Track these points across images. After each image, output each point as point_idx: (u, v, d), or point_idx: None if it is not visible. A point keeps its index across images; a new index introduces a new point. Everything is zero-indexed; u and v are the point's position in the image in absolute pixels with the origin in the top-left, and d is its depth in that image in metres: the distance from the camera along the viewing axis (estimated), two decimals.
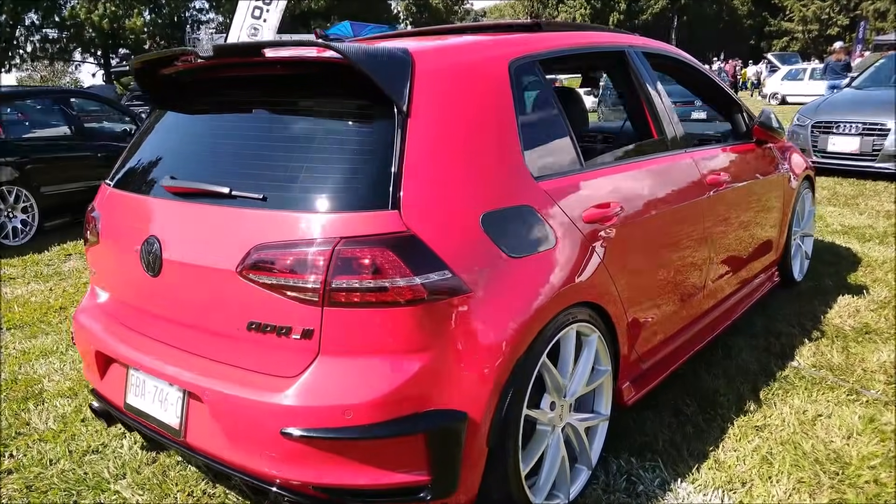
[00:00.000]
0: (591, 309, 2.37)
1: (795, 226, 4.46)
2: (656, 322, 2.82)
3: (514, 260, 2.07)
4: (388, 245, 1.84)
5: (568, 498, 2.32)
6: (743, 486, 2.43)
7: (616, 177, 2.63)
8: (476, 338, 1.94)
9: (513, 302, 2.03)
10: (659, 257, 2.78)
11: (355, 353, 1.87)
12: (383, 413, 1.84)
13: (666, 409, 2.99)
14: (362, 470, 1.88)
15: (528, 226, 2.17)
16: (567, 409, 2.33)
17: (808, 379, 3.22)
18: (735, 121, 3.90)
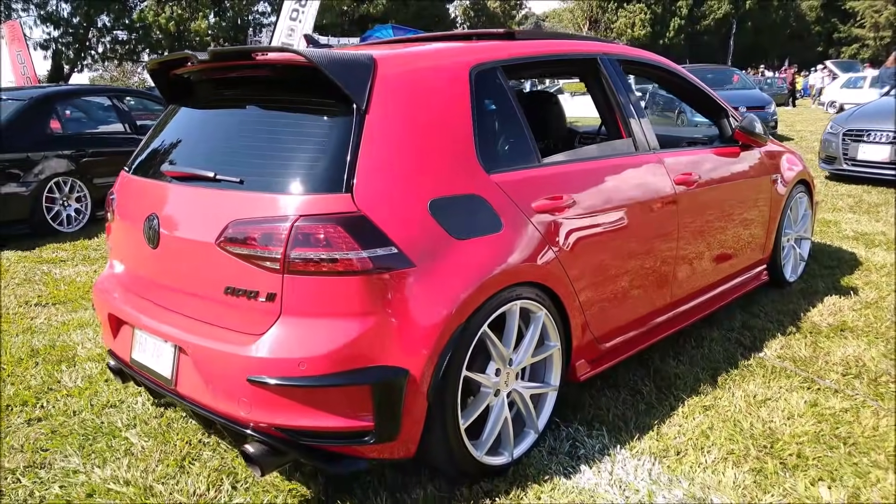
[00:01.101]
0: (538, 289, 2.64)
1: (788, 228, 4.62)
2: (614, 308, 3.07)
3: (459, 241, 2.37)
4: (339, 223, 2.16)
5: (512, 456, 2.61)
6: (676, 455, 2.67)
7: (572, 173, 2.90)
8: (418, 306, 2.25)
9: (455, 277, 2.33)
10: (616, 250, 3.03)
11: (311, 315, 2.19)
12: (332, 366, 2.16)
13: (625, 387, 3.24)
14: (317, 414, 2.20)
15: (476, 212, 2.46)
16: (513, 377, 2.61)
17: (769, 368, 3.42)
18: (721, 125, 4.11)
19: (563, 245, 2.73)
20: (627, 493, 2.44)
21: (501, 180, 2.57)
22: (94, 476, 2.62)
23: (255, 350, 2.20)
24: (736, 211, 3.91)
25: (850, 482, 2.47)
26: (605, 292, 3.00)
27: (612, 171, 3.09)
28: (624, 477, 2.53)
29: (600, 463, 2.63)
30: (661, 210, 3.27)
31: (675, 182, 3.36)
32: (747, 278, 4.26)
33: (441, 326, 2.27)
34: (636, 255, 3.14)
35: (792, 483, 2.48)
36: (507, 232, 2.51)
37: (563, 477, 2.54)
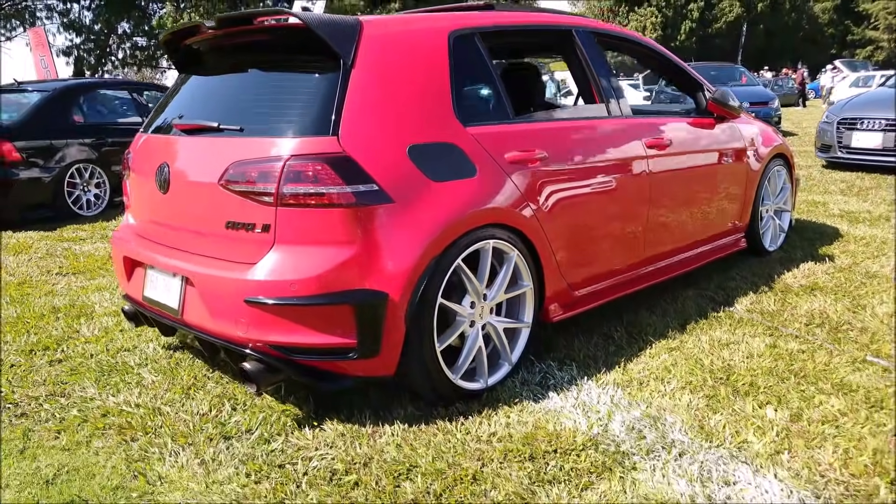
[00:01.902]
0: (511, 233, 2.90)
1: (766, 199, 4.85)
2: (586, 258, 3.33)
3: (436, 183, 2.63)
4: (326, 162, 2.44)
5: (486, 384, 2.86)
6: (638, 385, 2.92)
7: (544, 129, 3.16)
8: (397, 238, 2.52)
9: (431, 214, 2.59)
10: (587, 204, 3.28)
11: (301, 243, 2.47)
12: (320, 287, 2.43)
13: (598, 333, 3.49)
14: (306, 332, 2.47)
15: (451, 158, 2.73)
16: (487, 311, 2.87)
17: (737, 319, 3.66)
18: (696, 98, 4.35)
19: (535, 194, 2.98)
20: (589, 413, 2.69)
21: (476, 132, 2.84)
22: (109, 401, 2.91)
23: (251, 274, 2.48)
24: (709, 178, 4.14)
25: (795, 404, 2.71)
26: (576, 242, 3.25)
27: (584, 130, 3.35)
28: (588, 401, 2.78)
29: (567, 391, 2.88)
30: (632, 170, 3.52)
31: (646, 145, 3.61)
32: (724, 244, 4.49)
33: (418, 256, 2.53)
34: (607, 210, 3.39)
35: (741, 405, 2.72)
36: (480, 177, 2.78)
37: (531, 401, 2.79)
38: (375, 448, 2.47)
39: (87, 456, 2.50)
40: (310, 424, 2.64)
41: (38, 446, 2.58)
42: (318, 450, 2.47)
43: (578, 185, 3.22)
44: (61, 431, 2.68)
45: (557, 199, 3.10)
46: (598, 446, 2.44)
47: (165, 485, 2.30)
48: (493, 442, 2.49)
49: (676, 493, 2.16)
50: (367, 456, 2.42)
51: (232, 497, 2.20)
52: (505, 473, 2.29)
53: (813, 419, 2.59)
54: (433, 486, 2.23)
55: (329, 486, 2.26)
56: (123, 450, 2.52)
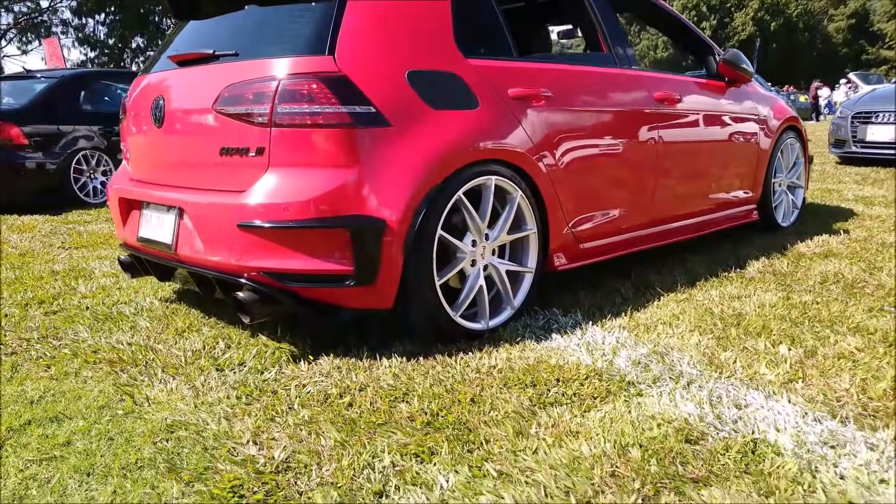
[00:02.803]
0: (514, 171, 2.82)
1: (779, 172, 4.75)
2: (592, 209, 3.24)
3: (436, 111, 2.57)
4: (321, 80, 2.38)
5: (488, 325, 2.77)
6: (645, 329, 2.82)
7: (550, 70, 3.09)
8: (395, 163, 2.44)
9: (430, 142, 2.52)
10: (594, 153, 3.20)
11: (295, 165, 2.40)
12: (314, 211, 2.36)
13: (603, 288, 3.39)
14: (301, 257, 2.40)
15: (452, 88, 2.67)
16: (489, 251, 2.79)
17: (748, 278, 3.55)
18: (706, 62, 4.28)
19: (540, 134, 2.91)
20: (594, 351, 2.59)
21: (479, 65, 2.78)
22: (102, 342, 2.83)
23: (244, 199, 2.41)
24: (720, 142, 4.05)
25: (810, 343, 2.60)
26: (583, 191, 3.16)
27: (591, 76, 3.28)
28: (592, 342, 2.68)
29: (571, 333, 2.78)
30: (641, 122, 3.44)
31: (656, 98, 3.53)
32: (735, 213, 4.39)
33: (417, 185, 2.46)
34: (614, 161, 3.31)
35: (752, 343, 2.61)
36: (482, 111, 2.71)
37: (534, 341, 2.70)
38: (372, 377, 2.38)
39: (74, 383, 2.42)
40: (305, 359, 2.56)
41: (27, 377, 2.51)
42: (312, 378, 2.39)
43: (585, 131, 3.14)
44: (50, 366, 2.61)
45: (563, 143, 3.02)
46: (601, 376, 2.34)
47: (153, 406, 2.22)
48: (493, 373, 2.39)
49: (684, 413, 2.06)
50: (362, 383, 2.33)
51: (221, 415, 2.12)
52: (504, 397, 2.19)
53: (828, 355, 2.48)
54: (430, 406, 2.14)
55: (322, 407, 2.17)
56: (112, 378, 2.45)
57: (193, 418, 2.10)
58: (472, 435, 1.95)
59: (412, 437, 1.94)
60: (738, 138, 4.22)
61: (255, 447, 1.90)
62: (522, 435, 1.94)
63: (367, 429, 2.00)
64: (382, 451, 1.86)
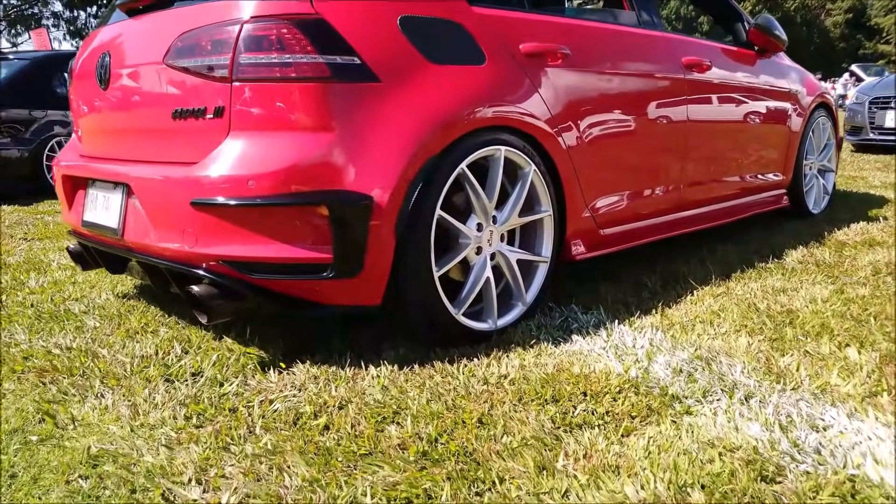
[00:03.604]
0: (527, 142, 2.38)
1: (810, 154, 4.31)
2: (615, 190, 2.80)
3: (434, 65, 2.12)
4: (294, 23, 1.92)
5: (495, 324, 2.32)
6: (682, 329, 2.37)
7: (568, 25, 2.64)
8: (384, 126, 1.99)
9: (428, 102, 2.08)
10: (618, 124, 2.75)
11: (262, 130, 1.95)
12: (285, 185, 1.90)
13: (627, 280, 2.95)
14: (268, 242, 1.95)
15: (454, 39, 2.22)
16: (497, 237, 2.34)
17: (789, 269, 3.11)
18: (734, 29, 3.84)
19: (556, 99, 2.46)
20: (624, 356, 2.15)
21: (486, 14, 2.33)
22: (37, 345, 2.38)
23: (199, 170, 1.96)
24: (751, 118, 3.61)
25: (882, 345, 2.16)
26: (605, 167, 2.72)
27: (614, 35, 2.84)
28: (621, 344, 2.24)
29: (595, 334, 2.34)
30: (669, 91, 3.00)
31: (684, 64, 3.09)
32: (766, 198, 3.95)
33: (410, 153, 2.01)
34: (640, 135, 2.87)
35: (815, 346, 2.17)
36: (490, 67, 2.26)
37: (551, 344, 2.25)
38: (355, 390, 1.93)
39: None
40: (276, 367, 2.11)
41: None
42: (282, 391, 1.94)
43: (608, 98, 2.70)
44: None
45: (583, 111, 2.58)
46: (638, 389, 1.89)
47: (79, 428, 1.77)
48: (503, 385, 1.95)
49: (749, 437, 1.61)
50: (343, 398, 1.88)
51: (162, 442, 1.66)
52: (520, 416, 1.75)
53: None
54: (427, 429, 1.69)
55: (291, 430, 1.72)
56: (38, 392, 1.99)
57: (126, 446, 1.65)
58: (482, 470, 1.50)
59: (403, 472, 1.49)
60: (770, 115, 3.78)
61: (199, 488, 1.46)
62: (546, 471, 1.50)
63: (345, 461, 1.55)
64: (364, 493, 1.42)
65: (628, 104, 2.78)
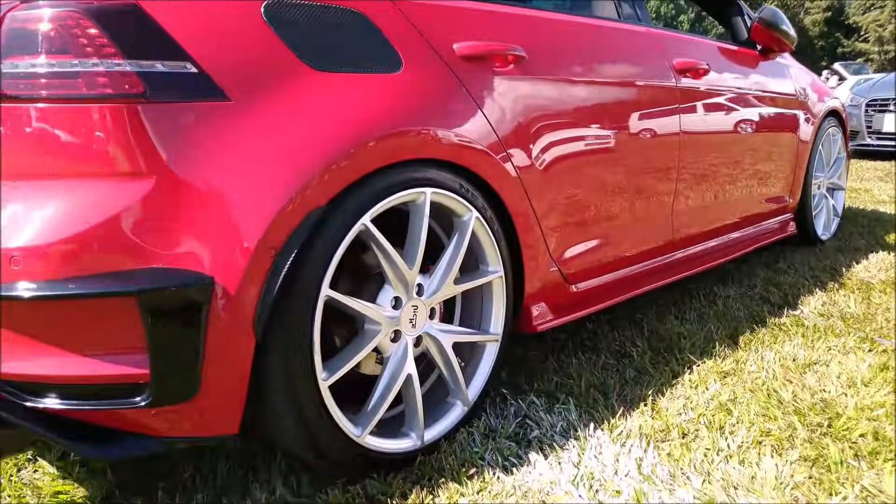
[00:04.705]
0: (466, 179, 1.70)
1: (818, 171, 3.67)
2: (589, 233, 2.13)
3: (320, 74, 1.43)
4: (87, 14, 1.22)
5: (421, 440, 1.64)
6: (681, 438, 1.70)
7: (526, 17, 1.97)
8: (237, 168, 1.31)
9: (308, 129, 1.39)
10: (590, 143, 2.08)
11: (35, 175, 1.25)
12: (70, 264, 1.21)
13: (607, 350, 2.27)
14: (51, 354, 1.25)
15: (355, 36, 1.53)
16: (424, 315, 1.66)
17: (810, 327, 2.46)
18: (734, 24, 3.19)
19: (507, 118, 1.79)
20: (602, 495, 1.47)
21: (405, 2, 1.64)
22: None
23: None
24: (754, 133, 2.96)
25: None
26: (574, 205, 2.05)
27: (586, 32, 2.16)
28: (598, 470, 1.57)
29: (561, 451, 1.66)
30: (658, 100, 2.33)
31: (675, 68, 2.42)
32: (771, 226, 3.31)
33: (278, 206, 1.32)
34: (620, 160, 2.20)
35: (874, 479, 1.51)
36: (408, 75, 1.58)
37: (500, 470, 1.58)
38: None
39: None
40: None
41: None
42: None
43: (577, 113, 2.03)
44: None
45: (544, 132, 1.91)
46: None
47: None
48: None
49: None
50: None
51: None
52: None
53: None
54: None
55: None
56: None
57: None
58: None
59: None
60: (775, 129, 3.14)
61: None
62: None
63: None
64: None
65: (605, 121, 2.11)
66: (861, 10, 53.54)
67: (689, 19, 51.79)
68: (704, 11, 3.35)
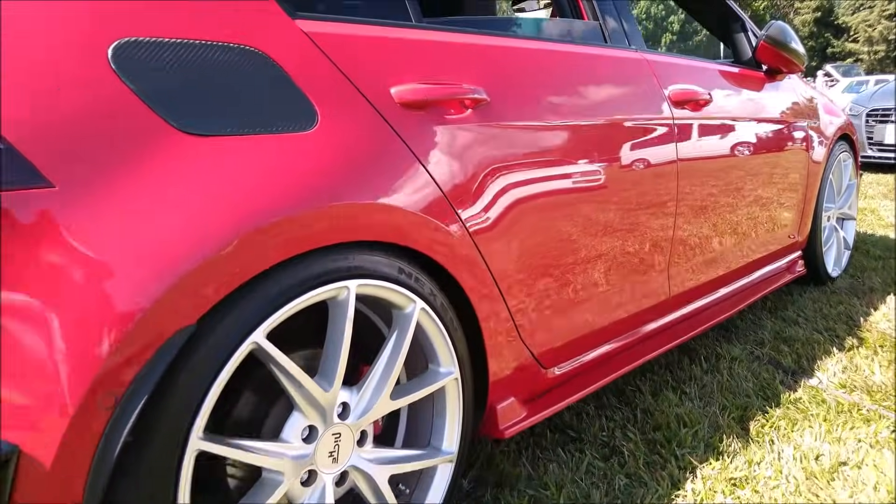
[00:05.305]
0: (405, 263, 1.31)
1: (828, 202, 3.30)
2: (572, 304, 1.75)
3: (191, 139, 1.04)
4: None
5: None
6: None
7: (486, 48, 1.57)
8: (56, 284, 0.92)
9: (168, 220, 1.00)
10: (572, 197, 1.70)
11: None
12: None
13: (592, 444, 1.89)
14: None
15: (249, 84, 1.13)
16: (350, 442, 1.27)
17: (831, 406, 2.08)
18: (737, 42, 2.81)
19: (463, 177, 1.41)
20: None
21: (323, 33, 1.25)
22: None
23: None
24: (760, 170, 2.58)
25: None
26: (553, 273, 1.67)
27: (563, 62, 1.77)
28: None
29: None
30: (651, 142, 1.95)
31: (672, 100, 2.04)
32: (777, 269, 2.94)
33: (117, 335, 0.93)
34: (608, 215, 1.82)
35: None
36: (325, 133, 1.19)
37: None
38: None
39: None
40: None
41: None
42: None
43: (553, 162, 1.64)
44: None
45: (511, 189, 1.52)
46: None
47: None
48: None
49: None
50: None
51: None
52: None
53: None
54: None
55: None
56: None
57: None
58: None
59: None
60: (783, 160, 2.76)
61: None
62: None
63: None
64: None
65: (586, 173, 1.73)
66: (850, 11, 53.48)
67: (679, 20, 51.65)
68: (704, 27, 2.96)
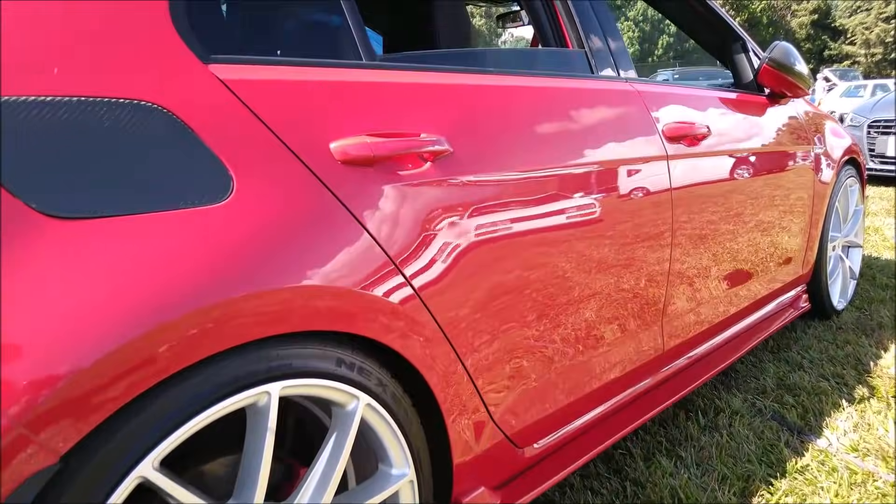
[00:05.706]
0: (347, 352, 1.10)
1: (834, 230, 3.10)
2: (552, 377, 1.54)
3: (57, 222, 0.83)
4: None
5: None
6: None
7: (451, 89, 1.36)
8: None
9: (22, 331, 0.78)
10: (550, 255, 1.48)
11: None
12: None
13: None
14: None
15: (143, 148, 0.92)
16: None
17: (843, 473, 1.87)
18: (737, 64, 2.60)
19: (420, 244, 1.19)
20: None
21: (245, 80, 1.04)
22: None
23: None
24: (763, 206, 2.37)
25: None
26: (528, 343, 1.45)
27: (542, 99, 1.56)
28: None
29: None
30: (642, 186, 1.74)
31: (666, 136, 1.83)
32: (781, 305, 2.73)
33: None
34: (593, 269, 1.60)
35: None
36: (242, 203, 0.98)
37: None
38: None
39: None
40: None
41: None
42: None
43: (528, 217, 1.42)
44: None
45: (476, 250, 1.31)
46: None
47: None
48: None
49: None
50: None
51: None
52: None
53: None
54: None
55: None
56: None
57: None
58: None
59: None
60: (787, 191, 2.56)
61: None
62: None
63: None
64: None
65: (569, 229, 1.52)
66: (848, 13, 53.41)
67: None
68: (702, 47, 2.76)
